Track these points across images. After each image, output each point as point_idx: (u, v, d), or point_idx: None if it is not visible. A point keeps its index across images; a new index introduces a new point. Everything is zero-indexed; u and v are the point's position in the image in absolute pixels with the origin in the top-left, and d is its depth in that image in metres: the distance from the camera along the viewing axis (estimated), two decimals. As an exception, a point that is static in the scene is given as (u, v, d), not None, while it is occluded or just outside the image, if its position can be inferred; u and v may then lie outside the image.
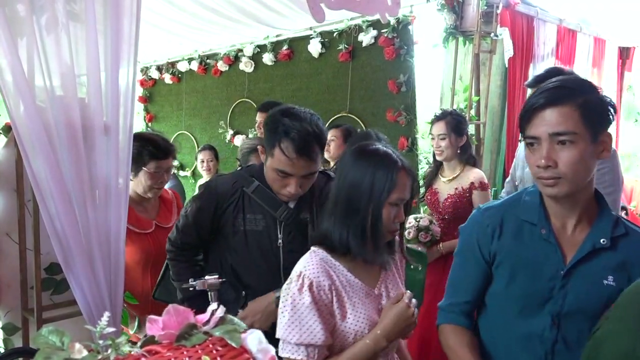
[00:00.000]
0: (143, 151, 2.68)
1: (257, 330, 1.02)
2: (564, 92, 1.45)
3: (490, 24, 4.31)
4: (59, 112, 1.96)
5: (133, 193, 2.75)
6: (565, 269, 1.53)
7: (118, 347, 0.93)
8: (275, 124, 2.02)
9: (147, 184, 2.72)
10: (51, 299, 2.40)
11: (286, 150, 1.97)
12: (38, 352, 0.91)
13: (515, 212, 1.64)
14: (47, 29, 1.97)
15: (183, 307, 1.02)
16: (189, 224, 2.23)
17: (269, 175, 2.10)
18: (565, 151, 1.44)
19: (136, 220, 2.73)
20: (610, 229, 1.53)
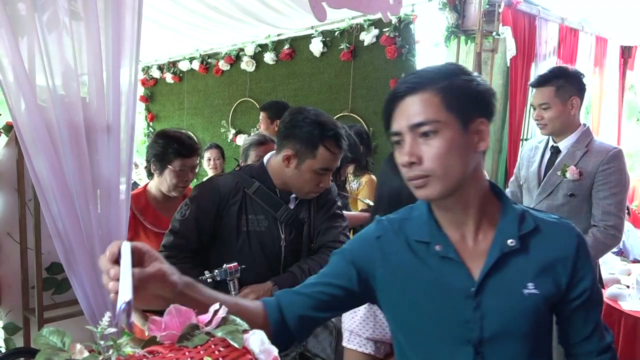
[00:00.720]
0: (168, 149, 2.67)
1: (259, 331, 1.01)
2: (424, 78, 1.24)
3: (492, 22, 4.30)
4: (61, 112, 1.96)
5: (157, 191, 2.76)
6: (475, 285, 1.24)
7: (120, 348, 0.92)
8: (310, 126, 2.07)
9: (172, 182, 2.69)
10: (52, 299, 2.40)
11: (332, 147, 2.07)
12: (39, 353, 0.91)
13: (405, 231, 1.36)
14: (48, 27, 1.97)
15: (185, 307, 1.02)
16: (190, 226, 2.17)
17: (305, 177, 2.12)
18: (429, 144, 1.21)
19: (156, 219, 2.71)
20: (517, 226, 1.27)
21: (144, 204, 2.76)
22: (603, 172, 2.70)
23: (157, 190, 2.76)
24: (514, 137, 4.82)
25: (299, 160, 2.10)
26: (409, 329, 1.35)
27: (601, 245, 2.72)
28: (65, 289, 2.35)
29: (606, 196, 2.69)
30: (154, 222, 2.70)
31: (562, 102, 2.77)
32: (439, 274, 1.28)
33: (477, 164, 1.27)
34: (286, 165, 2.13)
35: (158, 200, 2.77)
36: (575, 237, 1.29)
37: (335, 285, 1.36)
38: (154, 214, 2.73)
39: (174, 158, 2.66)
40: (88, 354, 0.94)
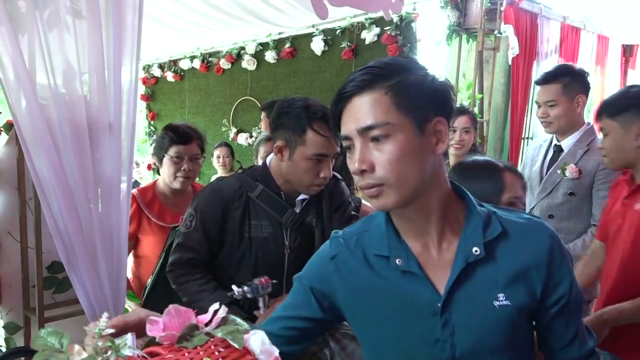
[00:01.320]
0: (164, 138, 2.68)
1: (260, 331, 1.00)
2: (372, 75, 1.10)
3: (493, 21, 4.29)
4: (62, 110, 1.95)
5: (164, 186, 2.77)
6: (442, 300, 1.13)
7: (118, 349, 0.91)
8: (296, 111, 1.95)
9: (170, 171, 2.68)
10: (53, 298, 2.39)
11: (320, 129, 1.92)
12: (36, 355, 0.90)
13: (363, 245, 1.24)
14: (49, 25, 1.96)
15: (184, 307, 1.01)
16: (197, 237, 2.05)
17: (300, 166, 1.97)
18: (380, 149, 1.09)
19: (161, 213, 2.73)
20: (481, 232, 1.14)
21: (151, 197, 2.77)
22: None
23: (164, 185, 2.77)
24: (515, 135, 4.82)
25: (290, 150, 1.97)
26: (377, 350, 1.25)
27: None
28: (66, 288, 2.34)
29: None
30: (160, 215, 2.72)
31: (569, 99, 2.75)
32: (402, 289, 1.17)
33: (437, 166, 1.15)
34: (280, 159, 2.01)
35: (165, 195, 2.78)
36: (547, 238, 1.16)
37: (299, 317, 1.30)
38: (161, 208, 2.74)
39: (169, 145, 2.66)
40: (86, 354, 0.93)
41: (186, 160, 2.68)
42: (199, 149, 2.75)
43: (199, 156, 2.75)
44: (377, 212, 1.23)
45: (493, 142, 4.81)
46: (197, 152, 2.73)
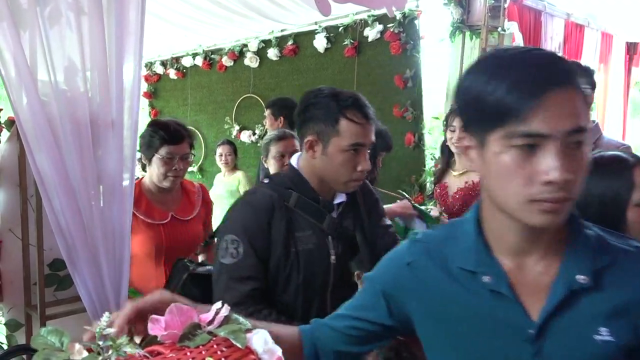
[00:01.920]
0: (154, 136, 2.59)
1: (262, 330, 0.99)
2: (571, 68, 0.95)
3: (497, 18, 4.27)
4: (63, 107, 1.95)
5: (151, 183, 2.68)
6: (536, 328, 1.00)
7: (119, 348, 0.90)
8: (324, 101, 1.80)
9: (160, 171, 2.60)
10: (54, 295, 2.38)
11: (354, 117, 1.77)
12: (36, 354, 0.89)
13: (446, 254, 1.12)
14: (50, 21, 1.95)
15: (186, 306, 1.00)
16: (251, 264, 1.78)
17: (336, 160, 1.80)
18: (577, 158, 0.94)
19: (148, 210, 2.64)
20: (591, 259, 1.01)
21: (137, 195, 2.63)
22: None
23: (150, 182, 2.69)
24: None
25: (323, 144, 1.80)
26: None
27: None
28: (68, 285, 2.34)
29: None
30: (147, 212, 2.62)
31: None
32: (488, 309, 1.05)
33: None
34: (312, 156, 1.84)
35: (152, 192, 2.69)
36: None
37: (366, 319, 1.22)
38: (148, 205, 2.65)
39: (160, 145, 2.57)
40: (87, 353, 0.92)
41: (177, 159, 2.61)
42: (189, 147, 2.70)
43: (189, 155, 2.70)
44: (466, 217, 1.13)
45: (496, 140, 4.79)
46: (187, 151, 2.68)
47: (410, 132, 4.62)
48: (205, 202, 2.92)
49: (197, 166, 6.95)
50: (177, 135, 2.62)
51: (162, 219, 2.64)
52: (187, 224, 2.73)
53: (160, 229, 2.63)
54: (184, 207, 2.78)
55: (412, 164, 4.67)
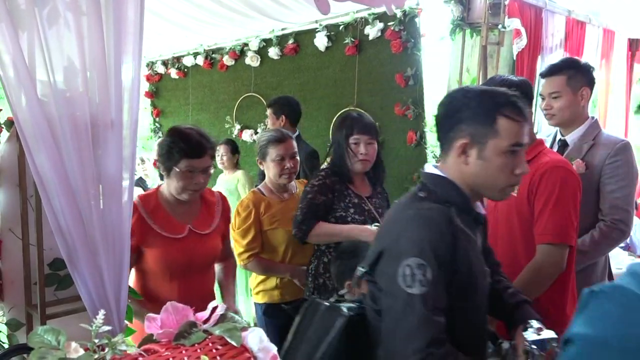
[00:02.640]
0: (174, 148, 2.42)
1: (258, 329, 0.99)
2: None
3: (497, 15, 4.25)
4: (63, 107, 1.94)
5: (168, 193, 2.54)
6: None
7: (115, 346, 0.90)
8: (477, 99, 1.64)
9: (179, 184, 2.44)
10: (55, 295, 2.38)
11: (512, 114, 1.61)
12: (32, 352, 0.89)
13: None
14: (49, 21, 1.95)
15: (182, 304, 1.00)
16: (439, 291, 1.51)
17: (495, 164, 1.62)
18: None
19: (166, 222, 2.48)
20: None
21: (155, 206, 2.53)
22: (610, 164, 2.67)
23: (168, 193, 2.54)
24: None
25: (479, 147, 1.62)
26: None
27: (608, 240, 2.68)
28: (68, 285, 2.33)
29: (614, 189, 2.66)
30: (165, 226, 2.47)
31: (573, 91, 2.74)
32: None
33: None
34: (464, 162, 1.64)
35: (170, 203, 2.54)
36: None
37: None
38: (165, 217, 2.50)
39: (180, 158, 2.41)
40: (83, 352, 0.92)
41: (198, 173, 2.45)
42: (211, 159, 2.53)
43: (211, 167, 2.53)
44: None
45: (497, 138, 4.78)
46: (209, 164, 2.51)
47: (412, 130, 4.62)
48: (225, 214, 2.76)
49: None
50: (199, 149, 2.44)
51: (179, 232, 2.51)
52: (205, 238, 2.60)
53: (177, 244, 2.50)
54: (203, 220, 2.63)
55: (414, 162, 4.68)
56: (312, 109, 5.36)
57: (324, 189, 2.80)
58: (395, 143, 4.82)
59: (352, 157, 2.82)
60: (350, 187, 2.87)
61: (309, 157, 4.13)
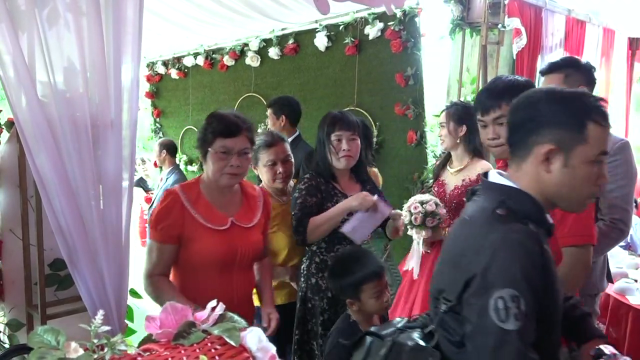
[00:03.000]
0: (207, 129, 2.36)
1: (256, 328, 1.00)
2: None
3: (497, 15, 4.26)
4: (63, 107, 1.95)
5: (208, 181, 2.43)
6: None
7: (114, 346, 0.91)
8: (568, 102, 1.50)
9: (215, 167, 2.34)
10: (55, 295, 2.39)
11: (603, 120, 1.48)
12: (32, 352, 0.90)
13: None
14: (49, 22, 1.96)
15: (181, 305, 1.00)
16: (532, 325, 1.37)
17: (580, 173, 1.48)
18: None
19: (208, 213, 2.37)
20: None
21: (196, 195, 2.40)
22: (609, 164, 2.66)
23: (208, 181, 2.43)
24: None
25: (565, 154, 1.47)
26: None
27: (607, 239, 2.68)
28: (68, 285, 2.34)
29: (613, 189, 2.65)
30: (206, 216, 2.35)
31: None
32: None
33: None
34: (546, 170, 1.51)
35: (211, 192, 2.42)
36: None
37: None
38: (207, 207, 2.38)
39: (214, 138, 2.33)
40: (83, 352, 0.92)
41: (234, 155, 2.34)
42: (249, 141, 2.41)
43: (249, 150, 2.42)
44: None
45: (497, 137, 4.79)
46: (246, 145, 2.39)
47: (412, 130, 4.62)
48: (266, 209, 2.64)
49: (197, 165, 7.00)
50: (233, 128, 2.35)
51: (221, 224, 2.38)
52: (248, 232, 2.47)
53: (220, 236, 2.37)
54: (245, 213, 2.51)
55: (414, 162, 4.68)
56: (312, 109, 5.36)
57: (312, 190, 2.78)
58: (395, 143, 4.82)
59: (334, 154, 2.80)
60: (336, 186, 2.86)
61: (308, 156, 4.12)
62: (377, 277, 2.31)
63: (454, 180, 3.32)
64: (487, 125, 2.15)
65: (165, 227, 2.32)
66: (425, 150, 4.65)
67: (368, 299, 2.30)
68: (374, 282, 2.30)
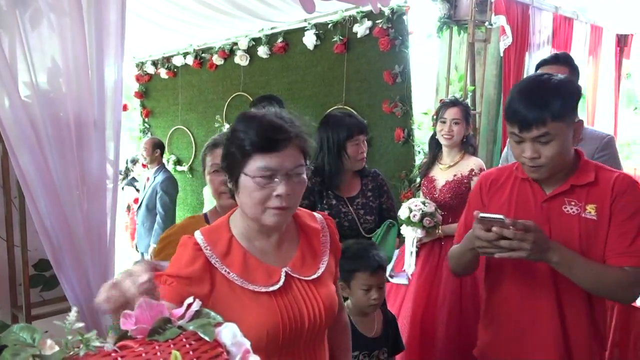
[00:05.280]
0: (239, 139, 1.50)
1: (231, 324, 1.00)
2: None
3: (484, 12, 4.28)
4: (46, 107, 1.95)
5: (242, 218, 1.59)
6: None
7: (88, 343, 0.91)
8: None
9: (253, 199, 1.49)
10: (41, 296, 2.39)
11: None
12: (6, 349, 0.90)
13: None
14: (32, 22, 1.96)
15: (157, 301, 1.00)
16: None
17: None
18: None
19: (248, 268, 1.54)
20: None
21: (227, 244, 1.56)
22: (600, 159, 2.69)
23: (244, 219, 1.59)
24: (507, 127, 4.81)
25: None
26: None
27: None
28: (54, 285, 2.34)
29: None
30: (246, 273, 1.52)
31: None
32: None
33: None
34: None
35: (251, 235, 1.59)
36: None
37: None
38: (245, 260, 1.54)
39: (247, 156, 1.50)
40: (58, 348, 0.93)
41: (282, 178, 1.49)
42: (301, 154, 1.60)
43: (302, 168, 1.57)
44: None
45: (485, 134, 4.81)
46: (298, 161, 1.56)
47: (400, 128, 4.62)
48: (334, 242, 1.76)
49: (187, 165, 6.98)
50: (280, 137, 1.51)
51: (272, 282, 1.54)
52: (314, 286, 1.62)
53: (271, 300, 1.52)
54: (305, 257, 1.66)
55: (402, 160, 4.68)
56: (301, 107, 5.36)
57: (305, 193, 2.79)
58: (383, 140, 4.82)
59: (352, 158, 2.81)
60: (331, 188, 2.86)
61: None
62: (371, 271, 2.30)
63: (445, 175, 3.34)
64: (523, 141, 1.79)
65: (181, 288, 1.44)
66: (413, 148, 4.65)
67: (357, 289, 2.30)
68: (367, 274, 2.29)
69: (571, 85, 1.79)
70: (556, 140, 1.72)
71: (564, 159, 1.78)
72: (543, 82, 1.77)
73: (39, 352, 0.92)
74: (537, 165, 1.78)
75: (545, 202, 1.87)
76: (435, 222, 3.24)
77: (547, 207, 1.86)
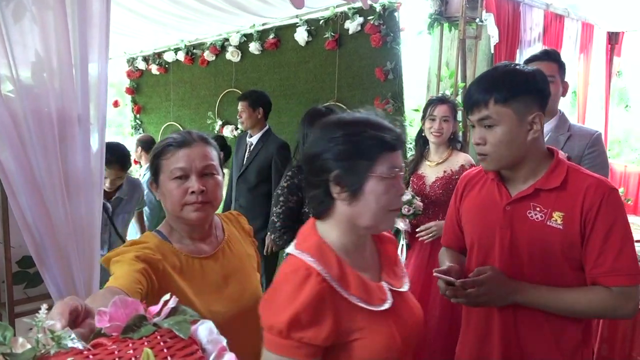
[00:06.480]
0: (365, 140, 1.37)
1: (208, 321, 0.98)
2: None
3: (475, 9, 4.27)
4: (27, 102, 1.93)
5: (341, 232, 1.41)
6: None
7: (59, 340, 0.89)
8: None
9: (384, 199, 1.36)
10: (25, 293, 2.37)
11: None
12: (-26, 348, 0.88)
13: None
14: (14, 17, 1.93)
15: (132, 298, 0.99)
16: None
17: None
18: None
19: (360, 287, 1.36)
20: None
21: (337, 264, 1.36)
22: (590, 155, 2.69)
23: (345, 233, 1.41)
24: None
25: None
26: None
27: None
28: (38, 282, 2.32)
29: None
30: (362, 292, 1.35)
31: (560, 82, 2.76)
32: None
33: None
34: None
35: (349, 250, 1.42)
36: None
37: None
38: (357, 280, 1.36)
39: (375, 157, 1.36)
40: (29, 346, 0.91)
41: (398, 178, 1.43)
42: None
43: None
44: None
45: (477, 131, 4.80)
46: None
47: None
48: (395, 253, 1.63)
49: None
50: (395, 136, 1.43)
51: (381, 300, 1.38)
52: (407, 299, 1.50)
53: (389, 319, 1.37)
54: (391, 267, 1.51)
55: (393, 156, 4.67)
56: (292, 104, 5.35)
57: (294, 189, 2.81)
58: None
59: None
60: None
61: (280, 149, 4.16)
62: None
63: (434, 172, 3.35)
64: (474, 126, 1.76)
65: (313, 335, 1.26)
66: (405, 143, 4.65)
67: None
68: None
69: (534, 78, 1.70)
70: (501, 127, 1.67)
71: (511, 150, 1.70)
72: (500, 68, 1.76)
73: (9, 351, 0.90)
74: (483, 153, 1.74)
75: (509, 204, 1.78)
76: (415, 209, 3.24)
77: (510, 211, 1.77)
